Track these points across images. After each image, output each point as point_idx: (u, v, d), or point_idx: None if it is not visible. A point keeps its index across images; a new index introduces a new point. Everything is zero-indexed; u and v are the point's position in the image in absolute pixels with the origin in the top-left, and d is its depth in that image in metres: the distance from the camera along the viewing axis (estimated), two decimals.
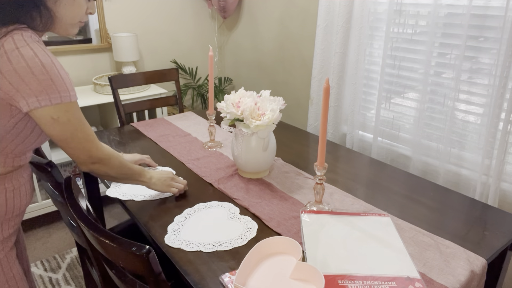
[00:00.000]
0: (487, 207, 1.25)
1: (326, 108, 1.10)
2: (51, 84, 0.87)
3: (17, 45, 0.83)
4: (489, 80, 1.63)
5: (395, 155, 2.01)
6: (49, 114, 0.89)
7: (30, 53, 0.84)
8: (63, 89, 0.89)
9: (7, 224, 1.04)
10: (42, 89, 0.86)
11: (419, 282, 0.91)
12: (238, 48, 3.09)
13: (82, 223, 0.86)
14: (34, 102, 0.86)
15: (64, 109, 0.91)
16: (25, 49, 0.84)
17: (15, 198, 1.03)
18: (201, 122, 1.96)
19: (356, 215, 1.17)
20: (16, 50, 0.83)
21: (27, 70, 0.83)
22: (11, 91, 0.85)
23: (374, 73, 2.07)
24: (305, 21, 2.42)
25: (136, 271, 0.80)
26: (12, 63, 0.82)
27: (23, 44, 0.84)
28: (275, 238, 1.01)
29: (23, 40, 0.85)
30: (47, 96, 0.87)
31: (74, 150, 0.98)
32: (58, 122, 0.91)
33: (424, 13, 1.80)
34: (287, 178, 1.41)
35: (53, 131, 0.92)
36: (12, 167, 1.01)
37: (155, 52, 2.94)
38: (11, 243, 1.06)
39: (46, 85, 0.86)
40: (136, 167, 1.17)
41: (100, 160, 1.03)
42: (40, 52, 0.86)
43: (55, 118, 0.90)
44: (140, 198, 1.27)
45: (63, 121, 0.91)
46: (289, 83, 2.67)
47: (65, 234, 2.34)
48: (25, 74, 0.83)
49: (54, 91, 0.87)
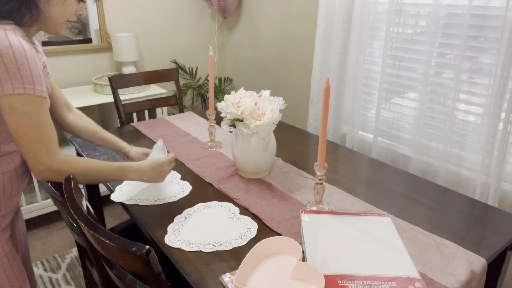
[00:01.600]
0: (487, 207, 1.26)
1: (326, 108, 1.10)
2: (17, 73, 0.89)
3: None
4: (489, 80, 1.63)
5: (395, 155, 2.01)
6: (9, 102, 0.90)
7: (5, 43, 0.88)
8: (28, 80, 0.90)
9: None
10: (8, 78, 0.88)
11: (419, 282, 0.91)
12: (238, 48, 3.09)
13: (82, 223, 0.86)
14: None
15: (24, 101, 0.91)
16: (2, 40, 0.88)
17: (5, 182, 1.06)
18: (201, 122, 1.96)
19: (356, 215, 1.17)
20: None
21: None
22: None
23: (374, 73, 2.07)
24: (305, 21, 2.43)
25: (136, 271, 0.80)
26: None
27: (1, 34, 0.89)
28: (275, 238, 1.01)
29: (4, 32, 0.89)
30: (10, 84, 0.89)
31: (22, 148, 0.95)
32: (15, 112, 0.91)
33: (424, 13, 1.80)
34: (287, 178, 1.41)
35: (9, 120, 0.92)
36: (5, 151, 1.03)
37: (155, 52, 2.94)
38: (3, 225, 1.09)
39: (12, 74, 0.88)
40: (111, 167, 1.08)
41: (47, 168, 0.97)
42: (16, 44, 0.89)
43: (13, 107, 0.90)
44: (145, 202, 1.24)
45: (20, 112, 0.91)
46: (289, 83, 2.67)
47: (65, 234, 2.34)
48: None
49: (18, 80, 0.89)
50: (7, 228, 1.11)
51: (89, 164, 1.05)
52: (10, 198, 1.10)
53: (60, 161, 0.99)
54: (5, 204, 1.09)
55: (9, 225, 1.13)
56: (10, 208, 1.12)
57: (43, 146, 0.95)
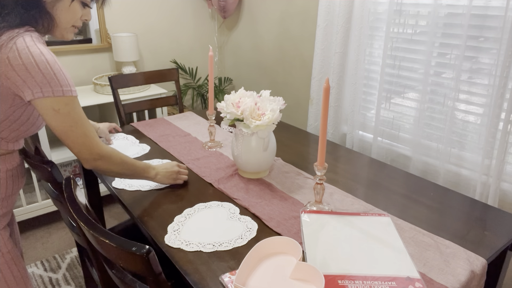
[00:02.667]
0: (487, 207, 1.25)
1: (326, 108, 1.10)
2: (54, 78, 0.97)
3: (27, 44, 0.94)
4: (489, 80, 1.63)
5: (395, 155, 2.01)
6: (51, 105, 0.98)
7: (37, 51, 0.95)
8: (65, 83, 0.99)
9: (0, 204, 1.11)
10: (46, 82, 0.96)
11: (419, 282, 0.91)
12: (238, 48, 3.09)
13: (82, 223, 0.86)
14: (38, 92, 0.96)
15: (64, 102, 0.99)
16: (33, 48, 0.95)
17: (7, 179, 1.11)
18: (201, 122, 1.96)
19: (356, 215, 1.17)
20: (26, 48, 0.94)
21: (34, 65, 0.94)
22: (18, 81, 0.95)
23: (374, 73, 2.07)
24: (305, 21, 2.42)
25: (136, 271, 0.80)
26: (22, 59, 0.93)
27: (31, 44, 0.95)
28: (275, 238, 1.01)
29: (32, 40, 0.96)
30: (50, 88, 0.96)
31: (74, 144, 1.04)
32: (58, 114, 0.99)
33: (424, 13, 1.80)
34: (287, 178, 1.41)
35: (54, 122, 1.00)
36: (5, 150, 1.10)
37: (155, 52, 2.94)
38: (4, 223, 1.13)
39: (50, 78, 0.96)
40: (140, 163, 1.22)
41: (100, 156, 1.08)
42: (46, 52, 0.97)
43: (56, 109, 0.98)
44: (146, 188, 1.33)
45: (63, 113, 0.99)
46: (289, 83, 2.67)
47: (65, 234, 2.34)
48: (32, 68, 0.94)
49: (56, 84, 0.97)
50: (7, 227, 1.15)
51: (125, 156, 1.17)
52: (11, 196, 1.14)
53: (106, 149, 1.10)
54: (6, 202, 1.13)
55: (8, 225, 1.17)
56: (10, 207, 1.16)
57: (91, 138, 1.05)
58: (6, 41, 0.94)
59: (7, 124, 1.04)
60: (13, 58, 0.93)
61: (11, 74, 0.94)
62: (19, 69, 0.94)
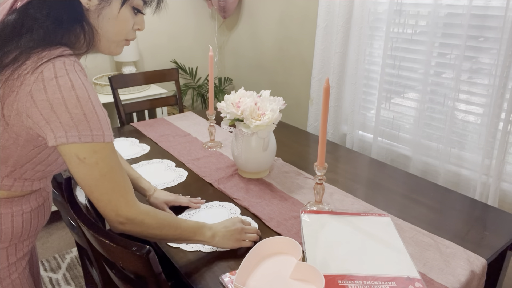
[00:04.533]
0: (487, 207, 1.26)
1: (326, 108, 1.10)
2: (84, 120, 0.77)
3: (57, 74, 0.75)
4: (489, 80, 1.63)
5: (395, 155, 2.01)
6: (76, 152, 0.78)
7: (68, 84, 0.75)
8: (97, 127, 0.79)
9: (21, 245, 0.96)
10: (73, 124, 0.76)
11: (419, 282, 0.91)
12: (238, 48, 3.09)
13: (82, 223, 0.86)
14: (62, 137, 0.76)
15: (93, 150, 0.79)
16: (63, 79, 0.75)
17: (32, 219, 0.95)
18: (201, 122, 1.96)
19: (356, 215, 1.17)
20: (54, 79, 0.75)
21: (61, 102, 0.75)
22: (41, 122, 0.77)
23: (374, 73, 2.07)
24: (305, 21, 2.42)
25: (136, 271, 0.80)
26: (47, 93, 0.74)
27: (63, 73, 0.76)
28: (275, 238, 1.01)
29: (64, 68, 0.76)
30: (76, 132, 0.77)
31: (98, 202, 0.83)
32: (84, 164, 0.79)
33: (424, 13, 1.80)
34: (287, 178, 1.41)
35: (77, 172, 0.81)
36: (30, 190, 0.93)
37: (155, 52, 2.94)
38: (24, 263, 0.98)
39: (78, 120, 0.76)
40: (189, 224, 0.97)
41: (129, 220, 0.86)
42: (79, 85, 0.77)
43: (81, 158, 0.79)
44: None
45: (90, 163, 0.79)
46: (289, 83, 2.67)
47: (65, 234, 2.34)
48: (58, 106, 0.75)
49: (85, 128, 0.77)
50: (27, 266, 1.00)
51: (169, 217, 0.94)
52: (35, 234, 1.00)
53: (141, 212, 0.87)
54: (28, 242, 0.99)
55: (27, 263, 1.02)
56: (33, 244, 1.02)
57: (120, 196, 0.84)
58: (32, 69, 0.74)
59: (30, 166, 0.87)
60: (36, 91, 0.74)
61: (32, 112, 0.76)
62: (42, 106, 0.75)
